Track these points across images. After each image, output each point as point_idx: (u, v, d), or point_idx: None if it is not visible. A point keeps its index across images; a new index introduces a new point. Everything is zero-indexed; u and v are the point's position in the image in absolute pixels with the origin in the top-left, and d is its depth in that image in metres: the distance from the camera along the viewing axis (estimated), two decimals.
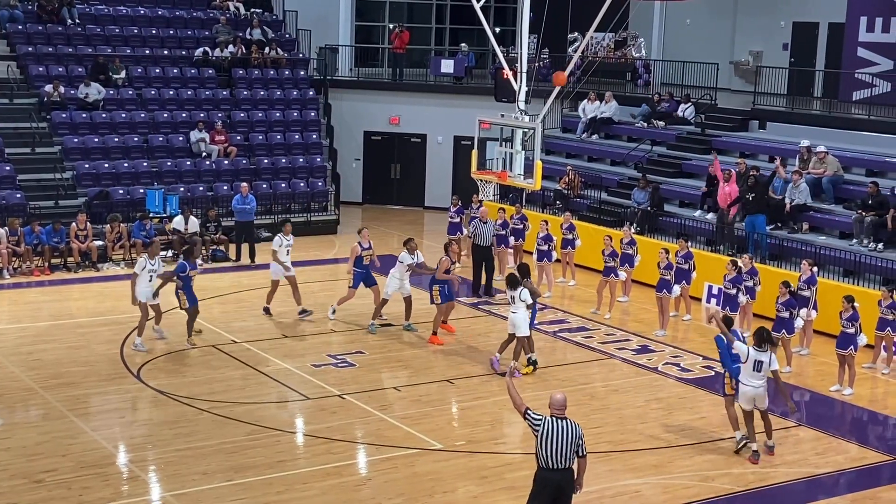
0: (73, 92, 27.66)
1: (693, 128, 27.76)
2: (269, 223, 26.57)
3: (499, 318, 20.20)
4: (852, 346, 16.62)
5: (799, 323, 17.74)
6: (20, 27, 29.29)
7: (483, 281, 22.05)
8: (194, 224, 24.36)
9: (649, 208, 24.35)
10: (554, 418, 10.37)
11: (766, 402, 13.79)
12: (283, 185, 28.06)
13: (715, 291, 20.99)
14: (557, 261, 22.90)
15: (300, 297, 19.67)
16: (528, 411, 10.45)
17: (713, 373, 17.51)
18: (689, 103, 28.25)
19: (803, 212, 22.36)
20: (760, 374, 13.50)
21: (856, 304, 16.87)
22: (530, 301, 16.63)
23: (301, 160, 28.97)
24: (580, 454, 10.45)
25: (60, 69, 28.43)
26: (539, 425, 10.32)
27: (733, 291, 18.73)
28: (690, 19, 34.16)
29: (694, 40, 33.27)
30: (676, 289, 19.90)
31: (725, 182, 22.76)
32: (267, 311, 19.80)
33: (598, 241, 22.68)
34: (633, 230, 22.39)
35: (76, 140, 26.73)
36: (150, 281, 17.66)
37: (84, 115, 27.36)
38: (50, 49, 29.17)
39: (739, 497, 12.86)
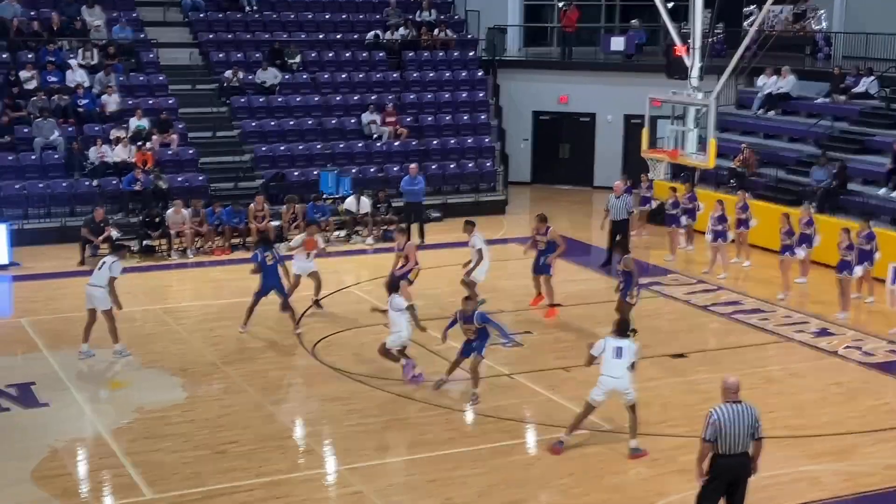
0: (250, 77, 28.56)
1: (878, 102, 26.52)
2: (439, 203, 26.83)
3: (668, 298, 19.88)
4: None
5: None
6: (201, 15, 30.41)
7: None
8: (366, 205, 24.84)
9: (831, 186, 23.40)
10: (728, 404, 10.12)
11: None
12: (452, 165, 28.27)
13: None
14: (732, 241, 22.33)
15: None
16: (703, 439, 10.14)
17: None
18: (872, 77, 27.00)
19: None
20: (622, 360, 12.76)
21: None
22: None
23: (470, 141, 29.12)
24: (756, 437, 10.17)
25: (239, 55, 29.38)
26: (714, 421, 10.05)
27: None
28: None
29: (879, 10, 31.69)
30: (858, 270, 19.10)
31: None
32: None
33: (776, 220, 21.99)
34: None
35: (254, 124, 27.61)
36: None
37: (261, 100, 28.22)
38: (229, 36, 30.17)
39: None
